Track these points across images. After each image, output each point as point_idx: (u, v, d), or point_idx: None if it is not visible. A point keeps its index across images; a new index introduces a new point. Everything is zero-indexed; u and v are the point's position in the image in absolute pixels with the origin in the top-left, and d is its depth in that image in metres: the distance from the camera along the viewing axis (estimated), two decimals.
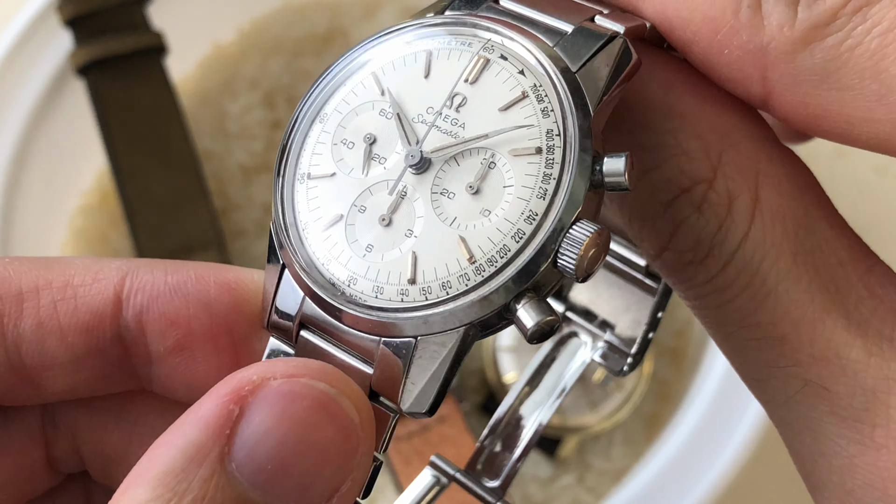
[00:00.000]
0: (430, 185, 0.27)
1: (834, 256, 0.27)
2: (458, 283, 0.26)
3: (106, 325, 0.30)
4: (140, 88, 0.79)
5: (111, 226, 0.83)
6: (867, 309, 0.26)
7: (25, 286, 0.30)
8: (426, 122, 0.28)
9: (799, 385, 0.27)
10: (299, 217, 0.29)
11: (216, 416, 0.25)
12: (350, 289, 0.27)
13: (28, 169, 0.79)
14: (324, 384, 0.26)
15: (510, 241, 0.26)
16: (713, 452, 0.67)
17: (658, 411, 0.78)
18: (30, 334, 0.30)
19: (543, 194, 0.26)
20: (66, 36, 0.78)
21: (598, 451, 0.77)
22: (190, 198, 0.78)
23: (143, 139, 0.78)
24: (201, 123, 0.84)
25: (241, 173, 0.83)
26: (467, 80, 0.28)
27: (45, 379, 0.31)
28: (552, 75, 0.27)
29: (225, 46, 0.87)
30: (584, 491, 0.76)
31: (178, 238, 0.77)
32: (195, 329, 0.30)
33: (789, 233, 0.27)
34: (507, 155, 0.27)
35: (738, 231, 0.27)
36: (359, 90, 0.29)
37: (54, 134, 0.81)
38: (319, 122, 0.29)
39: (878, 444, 0.26)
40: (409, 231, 0.27)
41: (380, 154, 0.28)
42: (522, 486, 0.76)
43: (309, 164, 0.29)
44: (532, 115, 0.27)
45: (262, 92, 0.84)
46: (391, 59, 0.29)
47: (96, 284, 0.30)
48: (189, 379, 0.31)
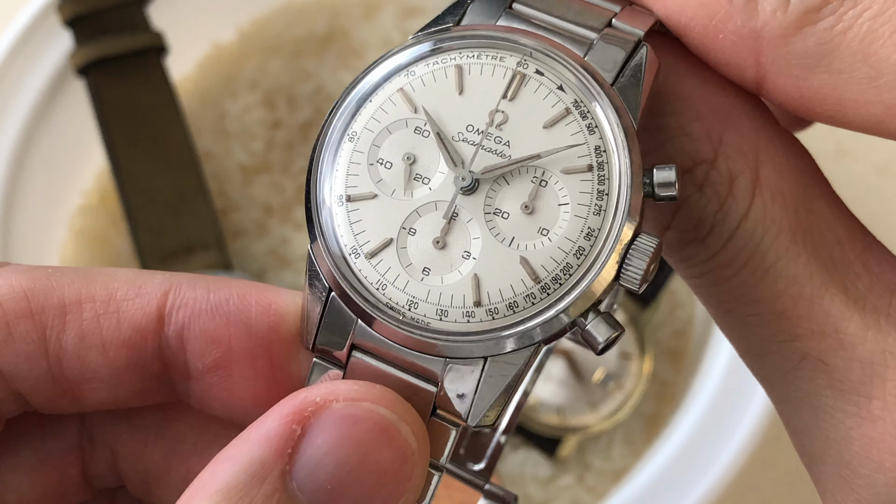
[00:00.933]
0: (483, 206, 0.27)
1: (832, 235, 0.28)
2: (526, 303, 0.27)
3: (148, 340, 0.30)
4: (140, 88, 0.79)
5: (111, 225, 0.83)
6: (864, 285, 0.27)
7: (69, 298, 0.30)
8: (468, 140, 0.28)
9: (797, 359, 0.27)
10: (342, 241, 0.28)
11: (279, 434, 0.26)
12: (411, 312, 0.27)
13: (28, 169, 0.79)
14: (385, 409, 0.26)
15: (573, 258, 0.27)
16: (713, 452, 0.67)
17: (658, 411, 0.78)
18: (72, 347, 0.30)
19: (599, 210, 0.27)
20: (67, 36, 0.78)
21: (598, 451, 0.77)
22: (190, 197, 0.78)
23: (144, 139, 0.78)
24: (201, 123, 0.84)
25: (241, 173, 0.83)
26: (506, 96, 0.28)
27: (85, 391, 0.30)
28: (592, 90, 0.27)
29: (225, 46, 0.87)
30: (584, 491, 0.76)
31: (179, 238, 0.78)
32: (235, 348, 0.30)
33: (789, 211, 0.27)
34: (559, 173, 0.27)
35: (739, 209, 0.27)
36: (388, 107, 0.28)
37: (54, 134, 0.81)
38: (349, 140, 0.28)
39: (875, 416, 0.26)
40: (466, 253, 0.27)
41: (422, 174, 0.28)
42: (522, 486, 0.76)
43: (345, 185, 0.28)
44: (579, 132, 0.27)
45: (263, 92, 0.84)
46: (419, 74, 0.28)
47: (139, 299, 0.30)
48: (225, 397, 0.31)
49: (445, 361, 0.27)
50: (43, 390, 0.30)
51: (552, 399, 0.76)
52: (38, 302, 0.29)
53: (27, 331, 0.29)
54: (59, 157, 0.82)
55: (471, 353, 0.27)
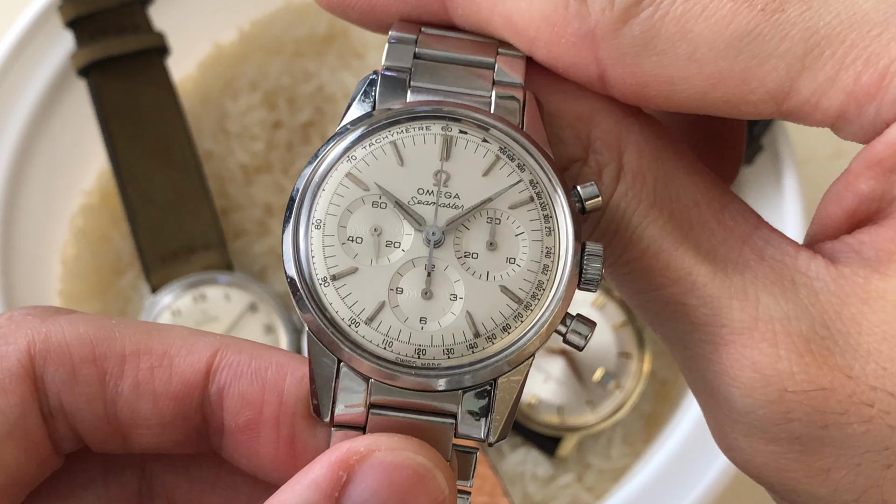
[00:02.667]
0: (453, 253, 0.31)
1: (690, 199, 0.32)
2: (516, 323, 0.31)
3: (195, 395, 0.33)
4: (141, 89, 0.79)
5: (112, 225, 0.83)
6: (717, 240, 0.32)
7: (129, 349, 0.33)
8: (423, 202, 0.31)
9: (663, 305, 0.32)
10: (339, 315, 0.31)
11: (327, 479, 0.29)
12: (421, 359, 0.31)
13: (29, 169, 0.79)
14: (422, 457, 0.30)
15: (542, 276, 0.31)
16: (712, 452, 0.67)
17: (657, 410, 0.79)
18: (127, 394, 0.33)
19: (549, 231, 0.31)
20: (68, 37, 0.78)
21: (598, 450, 0.78)
22: (191, 198, 0.79)
23: (145, 139, 0.79)
24: (202, 123, 0.84)
25: (242, 173, 0.84)
26: (442, 158, 0.31)
27: (134, 435, 0.33)
28: (510, 136, 0.32)
29: (225, 47, 0.87)
30: (584, 490, 0.76)
31: (180, 238, 0.78)
32: (265, 413, 0.33)
33: (648, 186, 0.32)
34: (507, 209, 0.31)
35: (607, 192, 0.32)
36: (342, 191, 0.31)
37: (56, 134, 0.81)
38: (316, 228, 0.31)
39: (726, 340, 0.30)
40: (452, 295, 0.31)
41: (392, 240, 0.31)
42: (522, 485, 0.76)
43: (326, 267, 0.31)
44: (513, 173, 0.32)
45: (263, 92, 0.84)
46: (360, 157, 0.32)
47: (190, 357, 0.33)
48: (251, 454, 0.34)
49: (460, 394, 0.31)
50: (97, 430, 0.33)
51: (552, 398, 0.76)
52: (101, 349, 0.33)
53: (90, 375, 0.32)
54: (60, 157, 0.82)
55: (483, 378, 0.31)
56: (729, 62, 0.30)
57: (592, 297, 0.76)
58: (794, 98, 0.30)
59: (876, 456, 0.30)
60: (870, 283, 0.30)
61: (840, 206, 0.31)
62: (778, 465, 0.31)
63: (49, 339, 0.32)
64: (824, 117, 0.30)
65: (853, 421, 0.29)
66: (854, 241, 0.31)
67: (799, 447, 0.30)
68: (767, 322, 0.30)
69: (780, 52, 0.30)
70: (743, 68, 0.30)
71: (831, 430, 0.30)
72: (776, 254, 0.31)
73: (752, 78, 0.30)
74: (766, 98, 0.30)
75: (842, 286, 0.30)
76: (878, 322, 0.29)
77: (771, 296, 0.30)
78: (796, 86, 0.30)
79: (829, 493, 0.31)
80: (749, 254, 0.32)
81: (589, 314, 0.76)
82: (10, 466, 0.31)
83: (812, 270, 0.31)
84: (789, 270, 0.31)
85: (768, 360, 0.30)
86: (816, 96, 0.30)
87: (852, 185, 0.31)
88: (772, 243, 0.32)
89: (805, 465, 0.30)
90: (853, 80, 0.29)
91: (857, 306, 0.30)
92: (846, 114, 0.30)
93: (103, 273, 0.82)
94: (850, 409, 0.29)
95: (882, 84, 0.29)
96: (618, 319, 0.76)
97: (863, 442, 0.30)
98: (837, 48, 0.30)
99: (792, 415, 0.30)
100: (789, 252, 0.31)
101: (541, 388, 0.76)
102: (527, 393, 0.76)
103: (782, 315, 0.30)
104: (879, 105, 0.30)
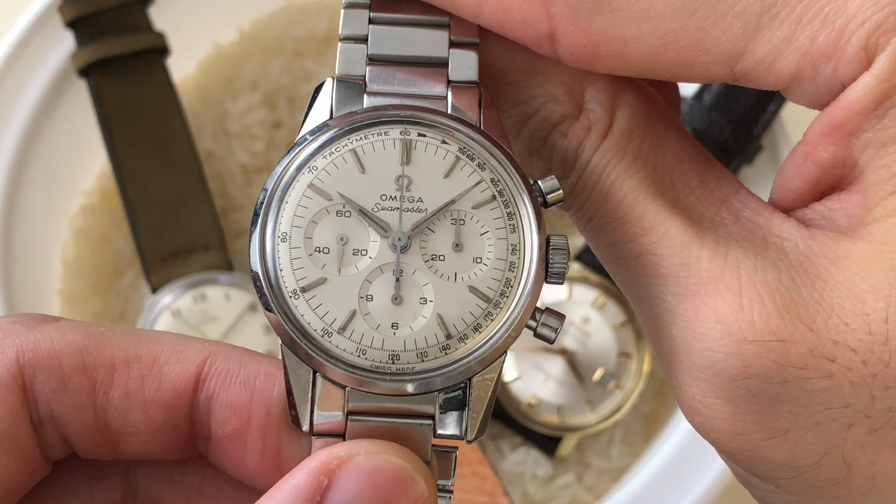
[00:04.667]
0: (420, 257, 0.31)
1: (675, 157, 0.32)
2: (486, 321, 0.31)
3: (184, 403, 0.33)
4: (141, 89, 0.79)
5: (112, 225, 0.83)
6: (696, 198, 0.32)
7: (118, 357, 0.33)
8: (387, 208, 0.31)
9: (634, 256, 0.32)
10: (311, 326, 0.31)
11: (308, 484, 0.29)
12: (395, 365, 0.31)
13: (30, 169, 0.79)
14: (401, 460, 0.30)
15: (508, 273, 0.31)
16: (712, 451, 0.67)
17: (657, 410, 0.79)
18: (117, 403, 0.33)
19: (514, 228, 0.31)
20: (68, 37, 0.78)
21: (598, 450, 0.78)
22: (191, 198, 0.79)
23: (145, 139, 0.79)
24: (202, 124, 0.84)
25: (242, 173, 0.84)
26: (403, 162, 0.32)
27: (124, 443, 0.34)
28: (468, 135, 0.32)
29: (226, 47, 0.87)
30: (584, 490, 0.76)
31: (180, 238, 0.78)
32: (253, 423, 0.33)
33: (634, 142, 0.32)
34: (471, 209, 0.32)
35: (593, 144, 0.32)
36: (305, 202, 0.31)
37: (56, 134, 0.81)
38: (282, 241, 0.31)
39: (693, 291, 0.30)
40: (422, 299, 0.31)
41: (358, 248, 0.31)
42: (522, 484, 0.76)
43: (295, 280, 0.31)
44: (473, 172, 0.32)
45: (263, 92, 0.84)
46: (321, 167, 0.32)
47: (180, 364, 0.33)
48: (237, 462, 0.34)
49: (436, 395, 0.31)
50: (87, 437, 0.33)
51: (552, 398, 0.76)
52: (91, 358, 0.33)
53: (80, 383, 0.32)
54: (60, 157, 0.82)
55: (457, 379, 0.31)
56: (684, 21, 0.30)
57: (593, 297, 0.76)
58: (748, 59, 0.30)
59: (836, 414, 0.29)
60: (839, 244, 0.30)
61: (803, 179, 0.31)
62: (735, 427, 0.30)
63: (38, 348, 0.32)
64: (778, 79, 0.30)
65: (813, 376, 0.29)
66: (824, 208, 0.31)
67: (757, 406, 0.30)
68: (734, 272, 0.30)
69: (737, 11, 0.29)
70: (698, 27, 0.30)
71: (790, 387, 0.29)
72: (751, 215, 0.31)
73: (707, 37, 0.30)
74: (720, 59, 0.30)
75: (810, 246, 0.30)
76: (843, 280, 0.29)
77: (741, 248, 0.30)
78: (751, 46, 0.30)
79: (788, 457, 0.30)
80: (725, 213, 0.32)
81: (589, 314, 0.76)
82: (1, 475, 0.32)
83: (784, 231, 0.31)
84: (762, 230, 0.31)
85: (731, 308, 0.29)
86: (771, 57, 0.30)
87: (812, 154, 0.31)
88: (748, 206, 0.32)
89: (763, 426, 0.30)
90: (809, 39, 0.29)
91: (825, 265, 0.29)
92: (801, 74, 0.29)
93: (103, 273, 0.82)
94: (809, 363, 0.29)
95: (839, 44, 0.29)
96: (618, 319, 0.76)
97: (822, 399, 0.29)
98: (794, 7, 0.29)
99: (750, 369, 0.29)
100: (764, 214, 0.31)
101: (541, 388, 0.76)
102: (527, 393, 0.76)
103: (749, 266, 0.30)
104: (836, 65, 0.29)
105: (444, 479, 0.32)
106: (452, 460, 0.32)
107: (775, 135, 0.74)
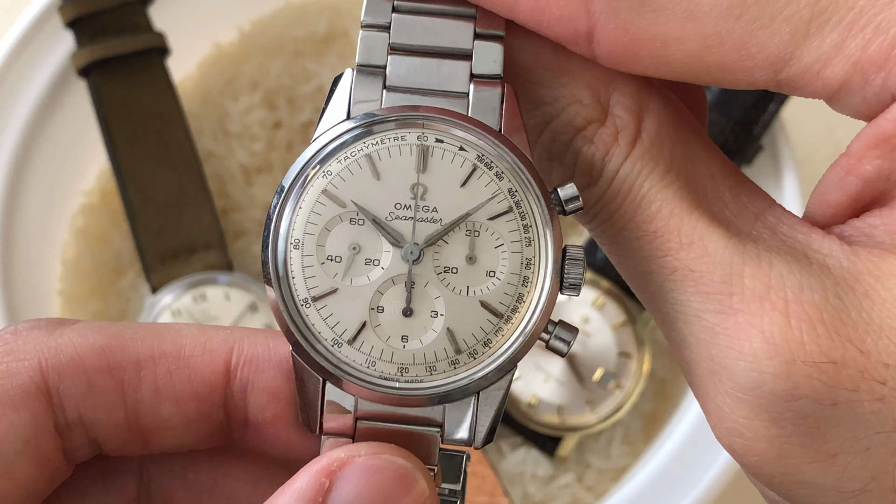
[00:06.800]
0: (433, 269, 0.31)
1: (706, 170, 0.31)
2: (496, 337, 0.31)
3: (216, 393, 0.33)
4: (141, 89, 0.79)
5: (112, 225, 0.83)
6: (731, 212, 0.31)
7: (142, 355, 0.33)
8: (401, 217, 0.31)
9: (670, 271, 0.30)
10: (322, 336, 0.31)
11: (311, 487, 0.29)
12: (404, 377, 0.31)
13: (30, 169, 0.79)
14: (402, 459, 0.30)
15: (522, 288, 0.31)
16: (712, 451, 0.67)
17: (657, 410, 0.79)
18: (148, 399, 0.33)
19: (529, 242, 0.31)
20: (68, 37, 0.78)
21: (598, 449, 0.78)
22: (191, 198, 0.79)
23: (145, 139, 0.79)
24: (202, 124, 0.84)
25: (242, 173, 0.84)
26: (419, 170, 0.31)
27: (156, 437, 0.34)
28: (488, 141, 0.31)
29: (226, 47, 0.87)
30: (584, 490, 0.76)
31: (180, 238, 0.78)
32: (293, 403, 0.33)
33: (665, 151, 0.31)
34: (487, 221, 0.31)
35: (622, 152, 0.31)
36: (319, 209, 0.31)
37: (56, 134, 0.81)
38: (294, 248, 0.31)
39: (736, 309, 0.29)
40: (433, 312, 0.31)
41: (371, 258, 0.31)
42: (522, 484, 0.76)
43: (306, 288, 0.31)
44: (491, 182, 0.31)
45: (263, 92, 0.84)
46: (335, 172, 0.31)
47: (205, 356, 0.33)
48: (281, 444, 0.34)
49: (444, 407, 0.31)
50: (117, 436, 0.33)
51: (552, 398, 0.76)
52: (115, 358, 0.33)
53: (107, 384, 0.33)
54: (60, 157, 0.82)
55: (464, 393, 0.31)
56: (730, 23, 0.29)
57: (593, 297, 0.76)
58: (794, 66, 0.29)
59: (886, 439, 0.28)
60: (884, 262, 0.29)
61: (843, 192, 0.30)
62: (780, 451, 0.29)
63: (60, 353, 0.32)
64: (825, 87, 0.29)
65: (864, 398, 0.28)
66: (864, 224, 0.30)
67: (804, 429, 0.29)
68: (780, 290, 0.29)
69: (786, 16, 0.28)
70: (744, 30, 0.29)
71: (840, 409, 0.28)
72: (789, 230, 0.30)
73: (753, 41, 0.29)
74: (765, 64, 0.29)
75: (854, 263, 0.29)
76: (891, 299, 0.28)
77: (784, 264, 0.29)
78: (799, 52, 0.29)
79: (834, 481, 0.29)
80: (762, 228, 0.31)
81: (589, 314, 0.76)
82: (22, 481, 0.32)
83: (825, 247, 0.30)
84: (802, 246, 0.30)
85: (779, 328, 0.28)
86: (819, 64, 0.28)
87: (856, 168, 0.30)
88: (784, 221, 0.31)
89: (810, 449, 0.29)
90: (860, 48, 0.28)
91: (871, 283, 0.29)
92: (849, 84, 0.28)
93: (103, 273, 0.82)
94: (861, 385, 0.28)
95: (892, 53, 0.28)
96: (618, 319, 0.76)
97: (873, 422, 0.28)
98: (846, 14, 0.28)
99: (800, 391, 0.28)
100: (802, 230, 0.30)
101: (541, 388, 0.76)
102: (527, 393, 0.76)
103: (795, 284, 0.29)
104: (887, 76, 0.28)
105: (451, 483, 0.32)
106: (460, 463, 0.32)
107: (775, 135, 0.73)
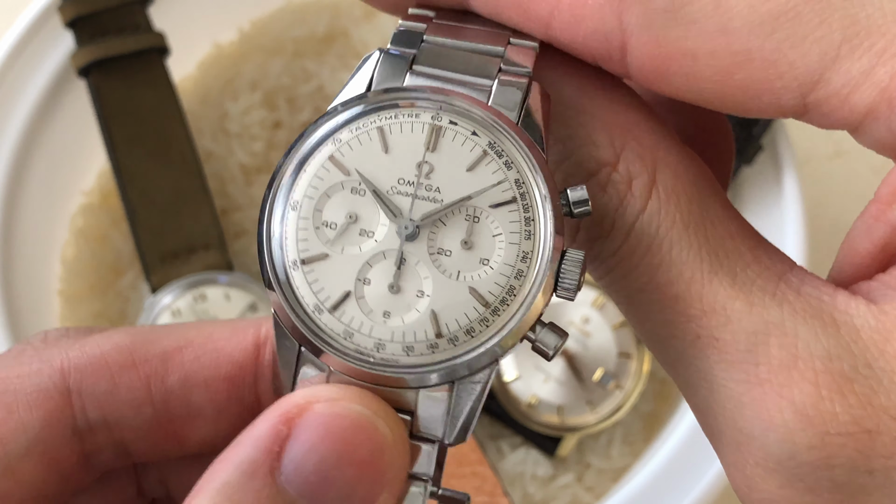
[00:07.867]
0: (426, 248, 0.30)
1: (724, 230, 0.30)
2: (481, 327, 0.30)
3: (246, 373, 0.33)
4: (141, 89, 0.79)
5: (112, 225, 0.83)
6: (753, 273, 0.30)
7: (169, 346, 0.33)
8: (402, 192, 0.30)
9: (692, 339, 0.30)
10: (304, 301, 0.30)
11: (267, 435, 0.28)
12: (380, 353, 0.30)
13: (30, 168, 0.79)
14: (360, 406, 0.29)
15: (514, 281, 0.30)
16: (712, 452, 0.67)
17: (657, 410, 0.79)
18: (177, 389, 0.33)
19: (529, 235, 0.30)
20: (68, 37, 0.78)
21: (598, 450, 0.78)
22: (191, 198, 0.79)
23: (145, 139, 0.79)
24: (202, 124, 0.84)
25: (242, 173, 0.84)
26: (428, 148, 0.30)
27: (190, 430, 0.33)
28: (502, 130, 0.30)
29: (225, 47, 0.87)
30: (584, 490, 0.76)
31: (180, 238, 0.78)
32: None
33: (682, 207, 0.30)
34: (488, 208, 0.30)
35: (637, 205, 0.30)
36: (322, 174, 0.31)
37: (56, 134, 0.81)
38: (292, 209, 0.31)
39: (762, 379, 0.28)
40: (419, 292, 0.30)
41: (366, 229, 0.30)
42: (522, 484, 0.76)
43: (297, 250, 0.30)
44: (499, 170, 0.30)
45: (263, 92, 0.84)
46: (345, 140, 0.31)
47: (234, 338, 0.33)
48: None
49: (417, 392, 0.30)
50: (147, 435, 0.33)
51: (552, 398, 0.76)
52: (140, 354, 0.33)
53: (131, 380, 0.32)
54: (60, 157, 0.82)
55: (439, 380, 0.30)
56: (760, 40, 0.28)
57: (593, 297, 0.76)
58: (822, 89, 0.28)
59: None
60: None
61: (870, 240, 0.30)
62: None
63: (83, 354, 0.32)
64: (851, 114, 0.28)
65: None
66: (891, 278, 0.29)
67: (840, 497, 0.28)
68: (808, 360, 0.28)
69: (817, 37, 0.28)
70: (774, 48, 0.28)
71: (876, 476, 0.28)
72: (813, 291, 0.29)
73: (783, 60, 0.28)
74: (793, 85, 0.28)
75: (884, 323, 0.28)
76: None
77: (811, 331, 0.28)
78: (827, 75, 0.28)
79: None
80: (786, 289, 0.29)
81: (589, 314, 0.76)
82: (29, 482, 0.31)
83: (852, 308, 0.29)
84: (828, 307, 0.29)
85: (810, 399, 0.28)
86: (847, 89, 0.28)
87: (884, 213, 0.29)
88: (807, 282, 0.30)
89: None
90: (890, 75, 0.27)
91: None
92: (875, 112, 0.28)
93: (103, 273, 0.82)
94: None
95: None
96: (617, 319, 0.76)
97: None
98: (877, 40, 0.28)
99: (835, 460, 0.28)
100: (827, 291, 0.29)
101: (541, 388, 0.76)
102: (527, 393, 0.76)
103: (823, 353, 0.28)
104: None
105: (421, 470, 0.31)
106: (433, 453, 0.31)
107: (775, 135, 0.73)
